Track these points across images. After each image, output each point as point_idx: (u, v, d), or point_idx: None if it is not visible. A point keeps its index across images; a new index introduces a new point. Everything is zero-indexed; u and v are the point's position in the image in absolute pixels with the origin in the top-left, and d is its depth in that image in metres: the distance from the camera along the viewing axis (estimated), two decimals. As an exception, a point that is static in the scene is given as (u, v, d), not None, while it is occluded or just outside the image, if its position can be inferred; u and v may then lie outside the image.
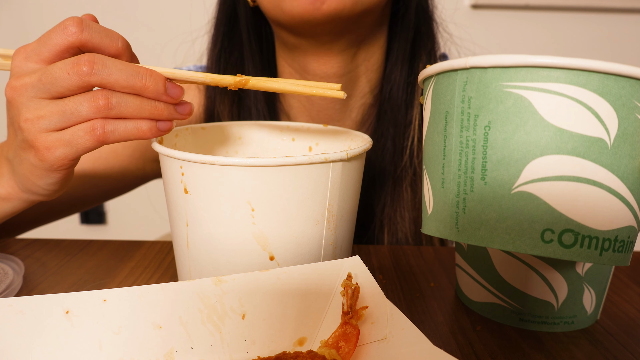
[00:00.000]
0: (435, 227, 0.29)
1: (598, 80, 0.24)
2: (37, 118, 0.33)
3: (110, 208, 1.65)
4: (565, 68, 0.24)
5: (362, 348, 0.29)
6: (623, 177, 0.25)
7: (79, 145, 0.34)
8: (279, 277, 0.30)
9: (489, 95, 0.25)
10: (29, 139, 0.34)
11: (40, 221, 0.61)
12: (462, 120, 0.26)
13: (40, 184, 0.37)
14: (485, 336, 0.36)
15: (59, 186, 0.38)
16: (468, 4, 1.50)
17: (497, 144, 0.25)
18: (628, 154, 0.24)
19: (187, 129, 0.45)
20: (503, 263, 0.37)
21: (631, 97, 0.24)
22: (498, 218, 0.25)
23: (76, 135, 0.33)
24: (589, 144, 0.24)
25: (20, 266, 0.42)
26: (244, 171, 0.32)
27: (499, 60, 0.25)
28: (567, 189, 0.24)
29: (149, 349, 0.28)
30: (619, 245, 0.25)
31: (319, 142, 0.47)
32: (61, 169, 0.36)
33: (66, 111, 0.33)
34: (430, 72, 0.29)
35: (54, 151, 0.34)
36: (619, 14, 1.51)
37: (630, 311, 0.40)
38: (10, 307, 0.27)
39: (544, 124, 0.24)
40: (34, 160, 0.35)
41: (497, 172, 0.25)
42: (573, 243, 0.25)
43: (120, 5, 1.45)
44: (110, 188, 0.62)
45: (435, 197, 0.29)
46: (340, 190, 0.35)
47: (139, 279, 0.43)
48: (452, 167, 0.27)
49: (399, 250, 0.51)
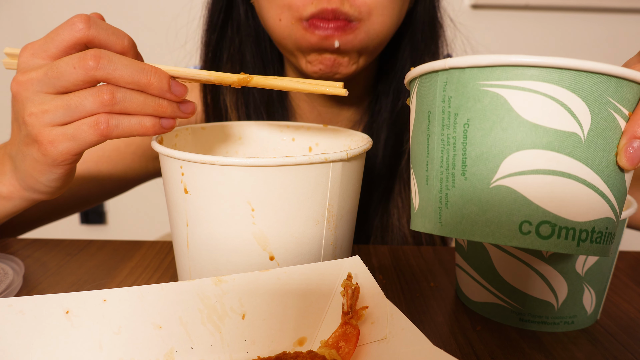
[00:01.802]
0: (421, 222, 0.30)
1: (570, 78, 0.24)
2: (42, 112, 0.33)
3: (110, 208, 1.65)
4: (538, 66, 0.25)
5: (362, 348, 0.29)
6: (598, 170, 0.25)
7: (83, 139, 0.34)
8: (279, 277, 0.30)
9: (467, 94, 0.26)
10: (33, 133, 0.34)
11: (42, 221, 0.61)
12: (443, 119, 0.27)
13: (43, 180, 0.37)
14: (485, 336, 0.36)
15: (61, 183, 0.38)
16: (468, 4, 1.50)
17: (476, 141, 0.26)
18: (602, 148, 0.25)
19: (187, 129, 0.45)
20: (503, 263, 0.37)
21: (603, 93, 0.25)
22: (478, 211, 0.26)
23: (80, 130, 0.33)
24: (563, 138, 0.25)
25: (20, 266, 0.42)
26: (244, 171, 0.32)
27: (475, 60, 0.26)
28: (543, 182, 0.25)
29: (149, 349, 0.28)
30: (596, 237, 0.26)
31: (319, 142, 0.47)
32: (64, 164, 0.36)
33: (71, 105, 0.33)
34: (414, 74, 0.30)
35: (57, 145, 0.34)
36: (619, 14, 1.51)
37: (630, 311, 0.40)
38: (10, 307, 0.27)
39: (520, 120, 0.25)
40: (37, 155, 0.35)
41: (476, 167, 0.26)
42: (550, 234, 0.25)
43: (121, 5, 1.45)
44: (113, 187, 0.62)
45: (420, 193, 0.30)
46: (340, 190, 0.35)
47: (139, 279, 0.43)
48: (434, 164, 0.28)
49: (399, 250, 0.51)
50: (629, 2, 1.48)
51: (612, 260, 0.37)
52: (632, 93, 0.25)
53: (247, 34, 0.60)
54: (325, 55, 0.51)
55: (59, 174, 0.37)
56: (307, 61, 0.52)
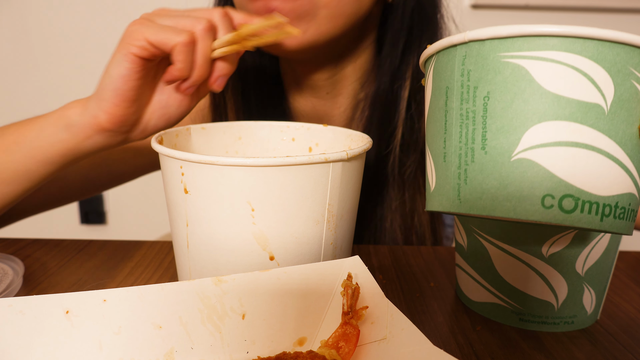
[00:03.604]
0: (438, 201, 0.29)
1: (593, 47, 0.24)
2: (140, 23, 0.40)
3: (110, 208, 1.65)
4: (561, 36, 0.24)
5: (362, 348, 0.29)
6: (621, 143, 0.25)
7: (162, 33, 0.38)
8: (279, 277, 0.30)
9: (487, 66, 0.26)
10: (126, 29, 0.40)
11: (52, 203, 0.61)
12: (462, 93, 0.27)
13: (113, 73, 0.40)
14: (485, 336, 0.36)
15: (126, 80, 0.40)
16: (468, 4, 1.50)
17: (496, 113, 0.25)
18: (625, 120, 0.25)
19: (187, 129, 0.45)
20: (503, 263, 0.37)
21: (626, 64, 0.24)
22: (499, 186, 0.25)
23: (163, 28, 0.39)
24: (586, 109, 0.24)
25: (20, 266, 0.42)
26: (244, 171, 0.32)
27: (496, 31, 0.25)
28: (565, 154, 0.24)
29: (149, 349, 0.28)
30: (619, 212, 0.26)
31: (319, 142, 0.47)
32: (135, 53, 0.39)
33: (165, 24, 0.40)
34: (430, 51, 0.29)
35: (138, 26, 0.39)
36: (619, 14, 1.51)
37: (630, 311, 0.40)
38: (10, 307, 0.27)
39: (542, 91, 0.25)
40: (119, 44, 0.40)
41: (497, 140, 0.25)
42: (573, 208, 0.25)
43: (121, 5, 1.45)
44: (122, 170, 0.63)
45: (437, 171, 0.29)
46: (340, 190, 0.35)
47: (139, 279, 0.43)
48: (453, 140, 0.27)
49: (399, 250, 0.51)
50: (629, 2, 1.48)
51: (612, 260, 0.37)
52: None
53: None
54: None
55: (127, 68, 0.39)
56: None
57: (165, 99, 0.44)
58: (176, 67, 0.39)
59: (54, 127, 0.44)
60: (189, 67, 0.40)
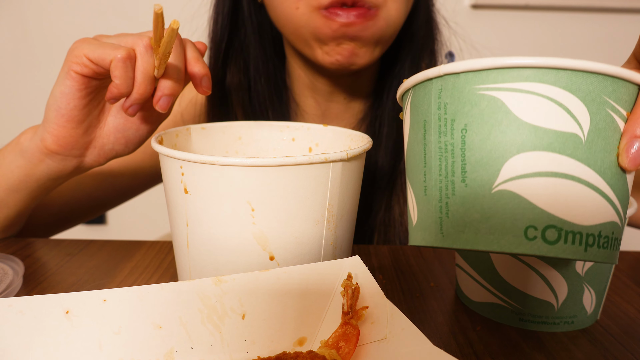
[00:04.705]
0: (420, 236, 0.29)
1: (567, 78, 0.24)
2: (82, 41, 0.39)
3: (110, 208, 1.65)
4: (534, 67, 0.24)
5: (362, 348, 0.29)
6: (600, 172, 0.25)
7: (101, 50, 0.38)
8: (279, 277, 0.30)
9: (463, 99, 0.26)
10: (70, 48, 0.39)
11: (62, 224, 0.62)
12: (439, 126, 0.27)
13: (56, 92, 0.40)
14: (485, 336, 0.36)
15: (68, 99, 0.40)
16: (468, 4, 1.50)
17: (475, 146, 0.25)
18: (603, 149, 0.25)
19: (187, 129, 0.45)
20: (503, 263, 0.37)
21: (600, 93, 0.24)
22: (481, 219, 0.25)
23: (103, 45, 0.38)
24: (563, 139, 0.24)
25: (20, 266, 0.42)
26: (244, 171, 0.32)
27: (470, 65, 0.25)
28: (546, 184, 0.24)
29: (149, 349, 0.28)
30: (603, 241, 0.26)
31: (319, 142, 0.47)
32: (75, 70, 0.39)
33: (105, 42, 0.39)
34: (407, 85, 0.30)
35: (78, 45, 0.39)
36: (619, 14, 1.52)
37: (630, 311, 0.40)
38: (10, 307, 0.27)
39: (519, 122, 0.25)
40: (62, 66, 0.40)
41: (477, 173, 0.25)
42: (557, 239, 0.25)
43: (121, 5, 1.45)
44: (126, 186, 0.63)
45: (419, 205, 0.29)
46: (340, 190, 0.35)
47: (139, 279, 0.43)
48: (433, 173, 0.27)
49: (399, 250, 0.51)
50: (629, 2, 1.48)
51: (612, 260, 0.37)
52: (628, 93, 0.25)
53: (252, 31, 0.60)
54: (344, 46, 0.52)
55: (68, 86, 0.39)
56: (324, 52, 0.53)
57: (122, 123, 0.44)
58: (113, 83, 0.38)
59: (12, 154, 0.45)
60: (128, 83, 0.38)
